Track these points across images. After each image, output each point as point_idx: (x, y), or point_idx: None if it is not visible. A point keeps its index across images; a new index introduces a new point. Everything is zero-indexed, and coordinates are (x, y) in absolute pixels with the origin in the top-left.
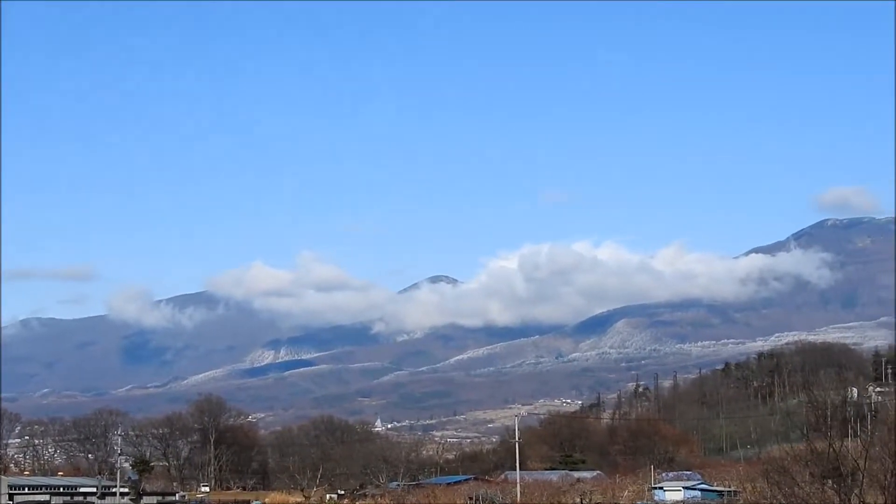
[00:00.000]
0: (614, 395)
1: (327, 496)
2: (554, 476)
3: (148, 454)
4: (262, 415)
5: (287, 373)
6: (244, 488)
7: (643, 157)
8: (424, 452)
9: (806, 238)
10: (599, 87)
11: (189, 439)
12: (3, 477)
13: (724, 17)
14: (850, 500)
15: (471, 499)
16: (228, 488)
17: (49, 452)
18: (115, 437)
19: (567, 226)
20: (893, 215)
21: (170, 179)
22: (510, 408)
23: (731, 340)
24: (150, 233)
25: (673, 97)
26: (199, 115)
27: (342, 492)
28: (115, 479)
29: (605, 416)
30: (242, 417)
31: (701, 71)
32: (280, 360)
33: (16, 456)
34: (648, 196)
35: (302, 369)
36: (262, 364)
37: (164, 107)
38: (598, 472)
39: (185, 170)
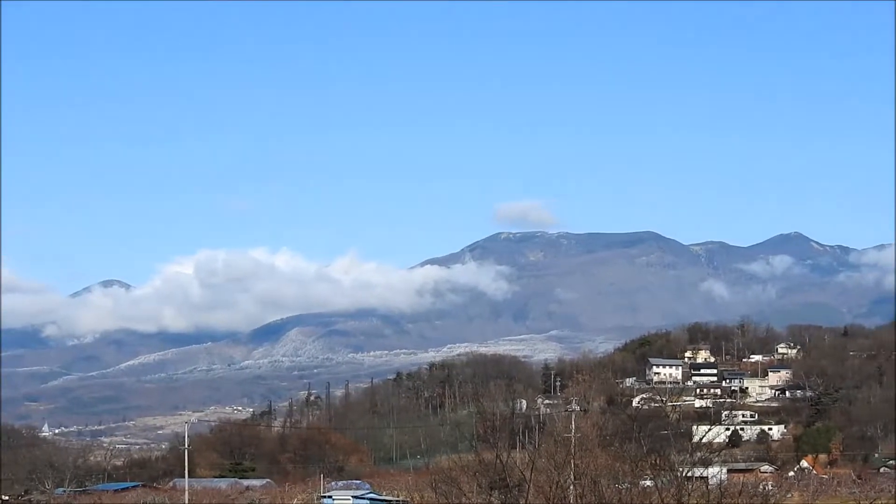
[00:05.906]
0: (286, 404)
1: None
2: (223, 484)
3: None
4: None
5: None
6: None
7: (318, 164)
8: (92, 458)
9: (480, 251)
10: (283, 96)
11: None
12: None
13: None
14: None
15: None
16: None
17: None
18: None
19: (244, 232)
20: (565, 230)
21: None
22: (181, 414)
23: (404, 351)
24: None
25: (351, 104)
26: None
27: (6, 497)
28: None
29: (277, 425)
30: None
31: (384, 81)
32: None
33: None
34: (325, 204)
35: None
36: None
37: None
38: (268, 480)
39: None
